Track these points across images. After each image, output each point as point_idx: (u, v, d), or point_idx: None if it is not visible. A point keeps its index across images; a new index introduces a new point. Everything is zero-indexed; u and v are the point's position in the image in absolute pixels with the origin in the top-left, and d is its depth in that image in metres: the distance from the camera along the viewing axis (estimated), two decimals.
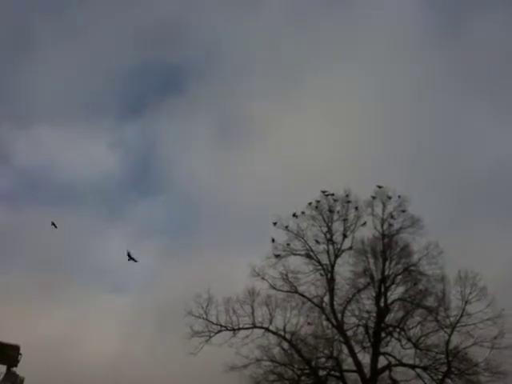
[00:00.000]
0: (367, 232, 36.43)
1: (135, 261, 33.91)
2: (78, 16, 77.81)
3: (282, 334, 34.81)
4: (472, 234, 46.44)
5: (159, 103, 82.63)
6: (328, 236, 36.51)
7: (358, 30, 71.24)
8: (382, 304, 35.59)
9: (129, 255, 33.75)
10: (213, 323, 34.95)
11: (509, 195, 54.71)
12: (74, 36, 77.56)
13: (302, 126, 63.53)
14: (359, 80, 67.28)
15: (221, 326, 34.97)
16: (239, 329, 34.89)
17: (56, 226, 35.63)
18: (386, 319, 35.56)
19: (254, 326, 34.90)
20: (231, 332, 34.84)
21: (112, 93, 79.67)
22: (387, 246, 36.22)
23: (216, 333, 34.88)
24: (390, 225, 36.50)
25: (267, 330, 34.88)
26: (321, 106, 63.86)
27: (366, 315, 35.77)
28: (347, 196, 36.69)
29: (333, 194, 36.76)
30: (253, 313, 34.97)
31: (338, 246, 36.43)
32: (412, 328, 35.30)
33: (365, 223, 36.37)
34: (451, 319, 34.90)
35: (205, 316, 34.91)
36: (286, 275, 35.98)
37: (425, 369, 34.29)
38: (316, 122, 64.25)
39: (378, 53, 66.85)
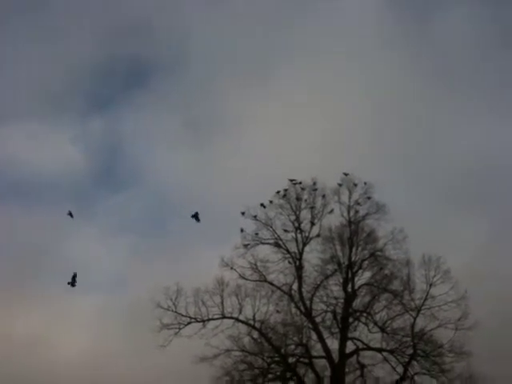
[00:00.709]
0: (334, 219, 36.71)
1: (198, 220, 33.85)
2: (43, 13, 74.19)
3: (252, 323, 34.79)
4: (442, 222, 47.62)
5: (127, 98, 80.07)
6: (296, 224, 36.49)
7: (333, 25, 70.50)
8: (349, 289, 35.96)
9: (195, 215, 33.71)
10: (182, 315, 34.63)
11: (479, 187, 56.33)
12: (38, 33, 74.00)
13: (276, 122, 63.02)
14: (338, 75, 66.88)
15: (190, 317, 34.69)
16: (209, 320, 34.66)
17: (72, 216, 34.69)
18: (354, 304, 35.99)
19: (224, 317, 34.72)
20: (201, 323, 34.61)
21: (77, 88, 76.54)
22: (354, 232, 36.49)
23: (185, 325, 34.59)
24: (356, 211, 36.78)
25: (237, 319, 34.76)
26: (297, 101, 63.35)
27: (333, 301, 36.13)
28: (314, 184, 36.66)
29: (300, 183, 36.71)
30: (222, 303, 34.80)
31: (306, 234, 36.49)
32: (378, 312, 35.90)
33: (332, 211, 36.53)
34: (416, 302, 35.68)
35: (174, 308, 34.56)
36: (255, 264, 35.91)
37: (391, 352, 34.93)
38: (291, 119, 63.81)
39: (355, 47, 66.64)
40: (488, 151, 59.73)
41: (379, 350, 35.09)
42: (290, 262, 36.21)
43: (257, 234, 36.33)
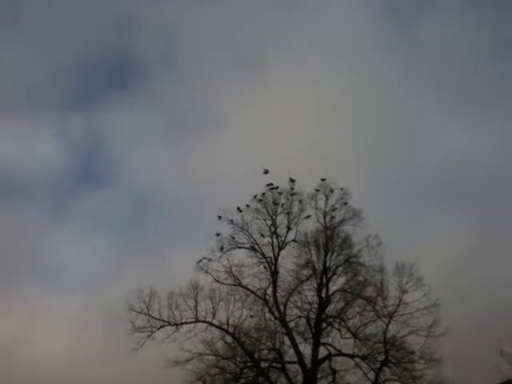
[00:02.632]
0: (310, 225, 36.74)
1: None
2: (23, 6, 73.01)
3: (225, 327, 34.60)
4: (418, 228, 48.18)
5: (109, 96, 79.54)
6: (272, 229, 36.43)
7: (319, 25, 71.11)
8: (323, 295, 35.97)
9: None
10: (155, 318, 34.28)
11: (456, 189, 56.99)
12: (19, 27, 72.84)
13: (261, 120, 63.14)
14: (322, 74, 67.28)
15: (163, 321, 34.34)
16: (182, 323, 34.35)
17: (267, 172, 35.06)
18: (327, 310, 36.01)
19: (197, 321, 34.48)
20: (174, 327, 34.30)
21: (59, 85, 75.63)
22: (329, 238, 36.57)
23: (158, 328, 34.22)
24: (332, 217, 36.87)
25: (210, 323, 34.56)
26: (283, 99, 63.58)
27: (307, 306, 36.12)
28: (291, 189, 36.69)
29: (277, 187, 36.69)
30: (196, 307, 34.54)
31: (282, 239, 36.47)
32: (351, 318, 35.94)
33: (309, 216, 36.56)
34: (389, 309, 35.73)
35: (146, 311, 34.23)
36: (230, 268, 35.75)
37: (363, 358, 34.87)
38: (277, 117, 63.97)
39: (342, 48, 67.23)
40: (469, 154, 60.67)
41: (351, 356, 35.08)
42: (265, 267, 36.16)
43: (233, 237, 36.29)
